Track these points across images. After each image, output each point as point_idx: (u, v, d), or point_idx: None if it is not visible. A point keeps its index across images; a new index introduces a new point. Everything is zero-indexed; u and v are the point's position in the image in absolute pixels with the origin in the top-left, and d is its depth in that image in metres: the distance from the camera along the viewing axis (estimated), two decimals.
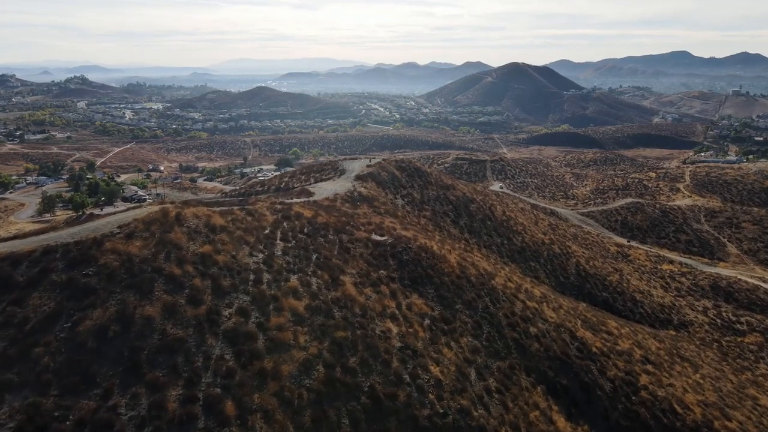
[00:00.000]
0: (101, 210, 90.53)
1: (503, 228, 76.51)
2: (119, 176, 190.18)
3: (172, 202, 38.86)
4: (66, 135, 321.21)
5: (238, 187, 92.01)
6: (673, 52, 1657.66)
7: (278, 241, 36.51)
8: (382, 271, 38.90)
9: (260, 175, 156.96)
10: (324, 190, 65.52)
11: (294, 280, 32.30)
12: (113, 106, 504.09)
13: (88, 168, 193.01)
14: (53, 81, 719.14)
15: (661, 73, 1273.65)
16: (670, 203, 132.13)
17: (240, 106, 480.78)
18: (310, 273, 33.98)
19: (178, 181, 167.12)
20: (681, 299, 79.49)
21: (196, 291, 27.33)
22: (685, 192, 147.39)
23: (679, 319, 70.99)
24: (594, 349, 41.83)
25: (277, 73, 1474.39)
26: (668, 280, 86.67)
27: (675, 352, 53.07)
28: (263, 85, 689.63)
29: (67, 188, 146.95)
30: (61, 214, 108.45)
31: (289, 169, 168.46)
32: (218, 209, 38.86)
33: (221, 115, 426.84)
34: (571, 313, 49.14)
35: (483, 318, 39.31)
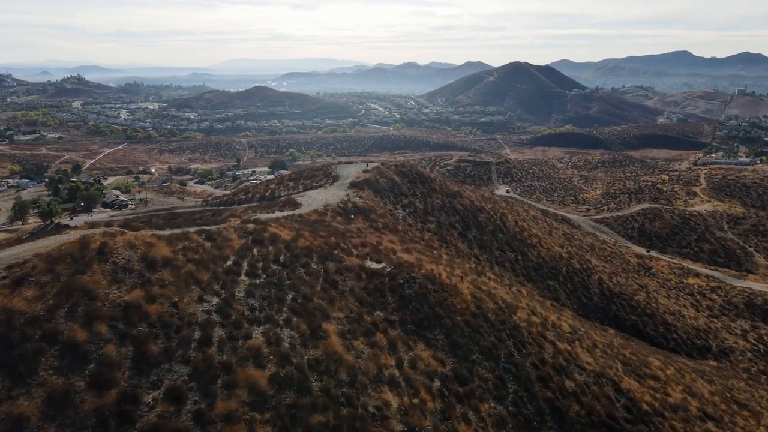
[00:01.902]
0: (71, 219, 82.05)
1: (517, 241, 68.06)
2: (106, 179, 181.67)
3: (108, 225, 30.41)
4: (57, 135, 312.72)
5: (220, 195, 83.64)
6: (674, 52, 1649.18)
7: (243, 277, 28.04)
8: (378, 313, 30.43)
9: (252, 178, 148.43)
10: (313, 200, 57.12)
11: (258, 335, 23.82)
12: (109, 106, 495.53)
13: (74, 170, 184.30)
14: (49, 81, 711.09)
15: (663, 73, 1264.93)
16: (689, 209, 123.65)
17: (237, 106, 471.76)
18: (281, 323, 25.49)
19: (167, 184, 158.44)
20: (715, 320, 71.02)
21: (106, 366, 18.85)
22: (703, 196, 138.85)
23: (718, 346, 62.53)
24: (644, 406, 33.35)
25: (276, 73, 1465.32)
26: (698, 297, 78.23)
27: (729, 395, 44.61)
28: (262, 84, 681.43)
29: (47, 192, 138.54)
30: (33, 222, 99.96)
31: (283, 171, 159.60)
32: (168, 233, 30.38)
33: (217, 115, 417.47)
34: (608, 352, 40.68)
35: (507, 371, 30.86)
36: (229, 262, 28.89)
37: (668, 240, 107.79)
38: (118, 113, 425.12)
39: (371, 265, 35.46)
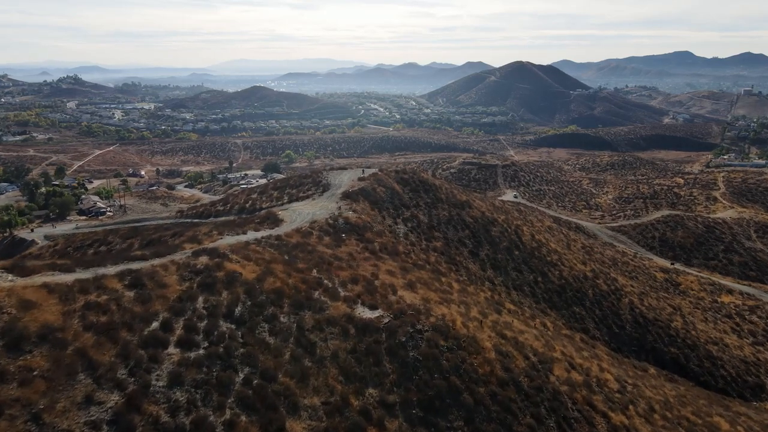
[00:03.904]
0: (32, 231, 73.17)
1: (535, 259, 59.09)
2: (91, 182, 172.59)
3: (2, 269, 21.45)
4: (47, 136, 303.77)
5: (198, 205, 74.83)
6: (675, 52, 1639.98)
7: (171, 350, 19.10)
8: (371, 392, 21.51)
9: (243, 182, 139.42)
10: (298, 214, 48.21)
11: None
12: (104, 106, 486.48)
13: (57, 173, 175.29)
14: (45, 81, 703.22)
15: (665, 73, 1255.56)
16: (712, 216, 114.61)
17: (234, 106, 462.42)
18: (220, 430, 16.56)
19: (154, 188, 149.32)
20: (761, 348, 62.07)
21: None
22: (724, 201, 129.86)
23: None
24: None
25: (276, 73, 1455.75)
26: (737, 320, 69.28)
27: None
28: (261, 85, 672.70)
29: (23, 197, 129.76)
30: None
31: (276, 175, 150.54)
32: (72, 278, 21.42)
33: (214, 116, 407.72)
34: (668, 416, 31.81)
35: None
36: (154, 325, 19.96)
37: (693, 251, 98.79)
38: (113, 113, 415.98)
39: (363, 313, 26.51)
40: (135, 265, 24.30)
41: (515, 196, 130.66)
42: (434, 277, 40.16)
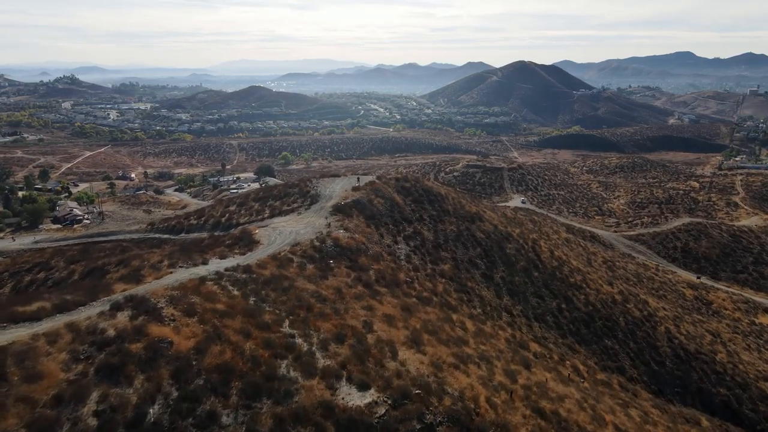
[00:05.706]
0: None
1: (557, 281, 50.99)
2: (77, 185, 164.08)
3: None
4: (38, 137, 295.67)
5: (173, 216, 66.75)
6: (677, 52, 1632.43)
7: None
8: None
9: (234, 186, 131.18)
10: (279, 232, 40.19)
11: None
12: (100, 106, 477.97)
13: (42, 176, 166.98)
14: (41, 81, 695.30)
15: (667, 74, 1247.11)
16: (736, 223, 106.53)
17: (232, 107, 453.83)
18: None
19: (141, 192, 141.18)
20: None
21: None
22: (746, 207, 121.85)
23: None
24: None
25: (276, 74, 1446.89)
26: None
27: None
28: (259, 85, 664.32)
29: None
30: None
31: (270, 178, 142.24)
32: None
33: (210, 116, 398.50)
34: None
35: None
36: None
37: (719, 263, 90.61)
38: (108, 114, 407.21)
39: (349, 397, 18.41)
40: (5, 337, 16.22)
41: (523, 202, 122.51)
42: (444, 317, 32.19)
